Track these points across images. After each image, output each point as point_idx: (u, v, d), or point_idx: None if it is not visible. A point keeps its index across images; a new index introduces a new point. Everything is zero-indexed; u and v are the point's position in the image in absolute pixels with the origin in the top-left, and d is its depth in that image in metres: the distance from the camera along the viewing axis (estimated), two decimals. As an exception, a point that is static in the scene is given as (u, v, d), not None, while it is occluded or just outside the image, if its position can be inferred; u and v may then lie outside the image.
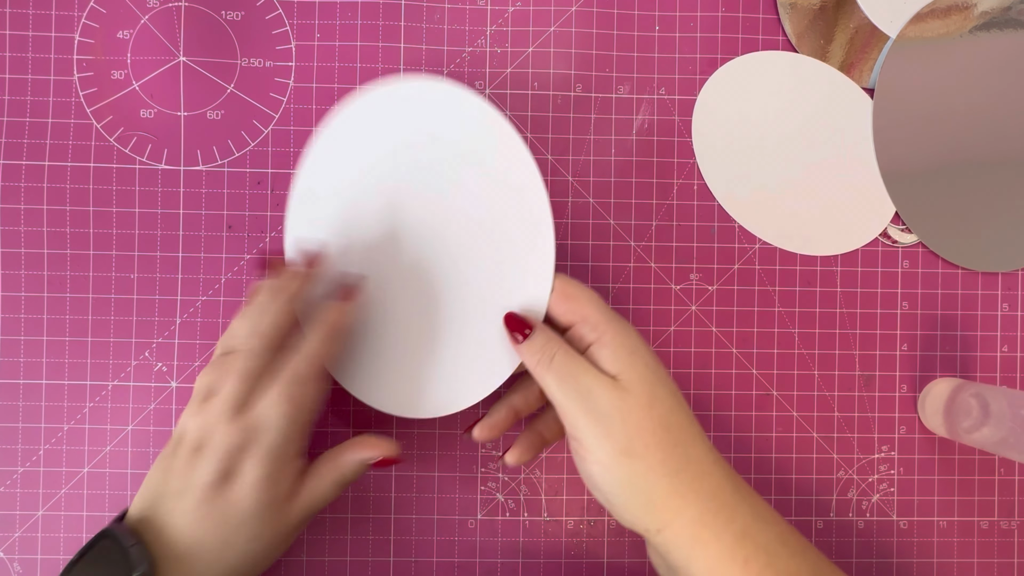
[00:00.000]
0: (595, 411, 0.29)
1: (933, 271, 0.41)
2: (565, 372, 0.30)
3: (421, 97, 0.34)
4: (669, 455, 0.29)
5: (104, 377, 0.38)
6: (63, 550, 0.38)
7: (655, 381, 0.30)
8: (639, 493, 0.29)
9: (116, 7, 0.39)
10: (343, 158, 0.35)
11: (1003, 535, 0.40)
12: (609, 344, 0.31)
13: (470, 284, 0.34)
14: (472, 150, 0.34)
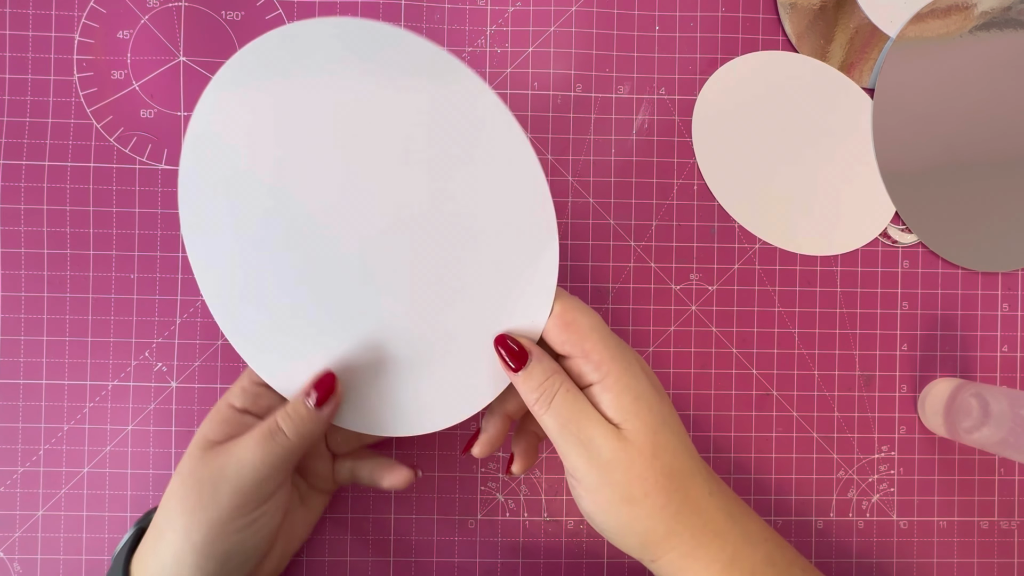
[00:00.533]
0: (597, 459, 0.28)
1: (933, 271, 0.41)
2: (566, 416, 0.29)
3: (397, 55, 0.28)
4: (669, 499, 0.29)
5: (104, 377, 0.38)
6: (63, 550, 0.38)
7: (659, 428, 0.29)
8: (635, 534, 0.29)
9: (116, 7, 0.39)
10: (278, 117, 0.29)
11: (1003, 535, 0.40)
12: (612, 388, 0.29)
13: (459, 294, 0.31)
14: (466, 139, 0.29)
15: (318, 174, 0.29)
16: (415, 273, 0.31)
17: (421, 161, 0.30)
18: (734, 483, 0.40)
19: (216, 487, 0.29)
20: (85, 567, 0.38)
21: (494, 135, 0.30)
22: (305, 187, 0.30)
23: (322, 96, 0.29)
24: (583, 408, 0.29)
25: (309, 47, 0.28)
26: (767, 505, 0.40)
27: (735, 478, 0.40)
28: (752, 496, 0.40)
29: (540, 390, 0.29)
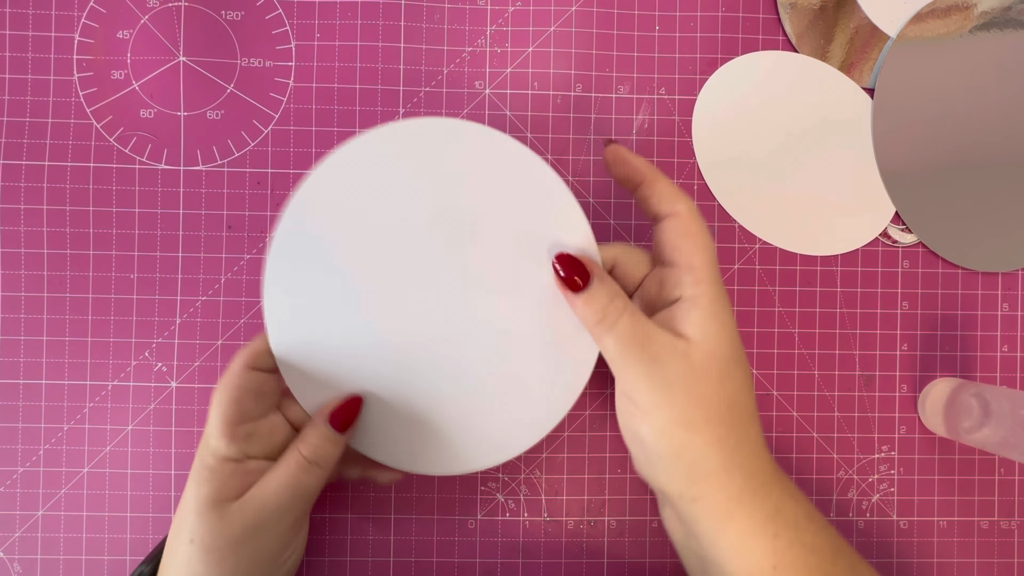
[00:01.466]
0: (660, 378, 0.27)
1: (933, 271, 0.41)
2: (630, 337, 0.27)
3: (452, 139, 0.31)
4: (729, 432, 0.27)
5: (104, 377, 0.38)
6: (63, 550, 0.38)
7: (732, 358, 0.28)
8: (687, 463, 0.28)
9: (116, 7, 0.39)
10: (345, 201, 0.31)
11: (1003, 535, 0.40)
12: (704, 308, 0.28)
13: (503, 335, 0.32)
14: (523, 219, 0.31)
15: (394, 249, 0.31)
16: (457, 317, 0.32)
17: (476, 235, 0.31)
18: (734, 483, 0.40)
19: (256, 541, 0.28)
20: (85, 567, 0.38)
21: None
22: (381, 259, 0.31)
23: (413, 185, 0.31)
24: (649, 328, 0.28)
25: (413, 142, 0.31)
26: (767, 505, 0.40)
27: (735, 478, 0.40)
28: (752, 496, 0.40)
29: (603, 312, 0.28)
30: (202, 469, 0.29)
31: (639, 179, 0.30)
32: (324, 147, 0.39)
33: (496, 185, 0.31)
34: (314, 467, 0.29)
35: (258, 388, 0.30)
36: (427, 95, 0.40)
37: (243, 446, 0.29)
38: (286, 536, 0.29)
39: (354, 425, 0.30)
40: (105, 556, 0.38)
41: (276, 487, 0.29)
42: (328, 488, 0.39)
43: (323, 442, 0.30)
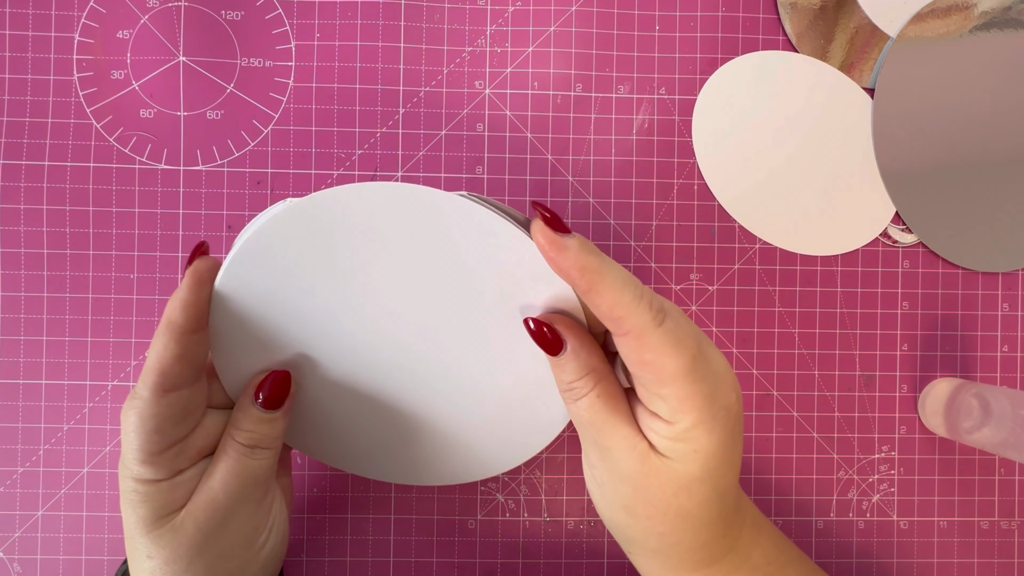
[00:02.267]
0: (612, 465, 0.26)
1: (933, 271, 0.41)
2: (588, 418, 0.26)
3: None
4: (671, 531, 0.26)
5: (104, 377, 0.38)
6: (63, 550, 0.38)
7: (699, 477, 0.25)
8: (625, 536, 0.27)
9: (116, 7, 0.39)
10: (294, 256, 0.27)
11: (1003, 535, 0.40)
12: (675, 436, 0.24)
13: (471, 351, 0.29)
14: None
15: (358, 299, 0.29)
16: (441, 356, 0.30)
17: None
18: (734, 483, 0.40)
19: (218, 539, 0.27)
20: (85, 567, 0.38)
21: None
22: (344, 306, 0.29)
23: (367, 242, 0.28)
24: (610, 419, 0.25)
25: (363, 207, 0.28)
26: (767, 505, 0.40)
27: (735, 478, 0.40)
28: (752, 496, 0.40)
29: (570, 386, 0.26)
30: (130, 493, 0.26)
31: (575, 283, 0.24)
32: (324, 147, 0.39)
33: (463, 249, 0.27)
34: (256, 450, 0.27)
35: (181, 410, 0.26)
36: (427, 95, 0.40)
37: (172, 465, 0.26)
38: (251, 524, 0.28)
39: (289, 401, 0.28)
40: (105, 556, 0.38)
41: (222, 483, 0.26)
42: (328, 488, 0.39)
43: (256, 424, 0.27)
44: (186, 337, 0.25)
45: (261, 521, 0.28)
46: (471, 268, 0.28)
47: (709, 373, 0.24)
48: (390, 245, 0.27)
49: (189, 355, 0.25)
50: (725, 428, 0.24)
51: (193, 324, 0.25)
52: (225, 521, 0.27)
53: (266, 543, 0.29)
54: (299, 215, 0.26)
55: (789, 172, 0.40)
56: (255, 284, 0.27)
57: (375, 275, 0.28)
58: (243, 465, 0.27)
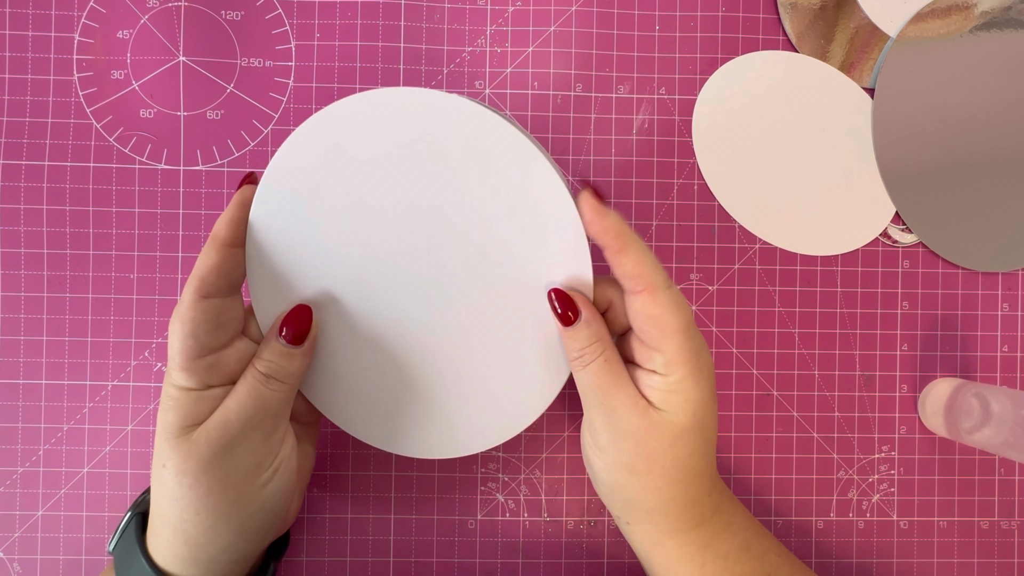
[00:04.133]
0: (615, 425, 0.29)
1: (933, 271, 0.41)
2: (597, 382, 0.29)
3: (425, 108, 0.30)
4: (668, 485, 0.29)
5: (104, 377, 0.38)
6: (63, 550, 0.38)
7: (690, 427, 0.29)
8: (624, 499, 0.31)
9: (116, 7, 0.39)
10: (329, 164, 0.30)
11: (1003, 535, 0.40)
12: (668, 388, 0.29)
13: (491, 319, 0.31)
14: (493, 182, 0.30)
15: (373, 220, 0.31)
16: (447, 298, 0.31)
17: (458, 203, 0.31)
18: (734, 483, 0.40)
19: (226, 460, 0.28)
20: (85, 567, 0.38)
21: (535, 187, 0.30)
22: (362, 230, 0.31)
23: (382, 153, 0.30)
24: (616, 381, 0.29)
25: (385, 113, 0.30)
26: (767, 505, 0.40)
27: (735, 478, 0.40)
28: (752, 496, 0.40)
29: (580, 351, 0.29)
30: (167, 399, 0.29)
31: (609, 244, 0.29)
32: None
33: (500, 183, 0.30)
34: (272, 381, 0.29)
35: (215, 318, 0.29)
36: (427, 95, 0.40)
37: (204, 377, 0.29)
38: (258, 453, 0.29)
39: (310, 336, 0.30)
40: (105, 556, 0.38)
41: (236, 405, 0.28)
42: (328, 488, 0.39)
43: (277, 357, 0.29)
44: (225, 249, 0.29)
45: (267, 455, 0.30)
46: (495, 214, 0.30)
47: (698, 335, 0.29)
48: (416, 157, 0.30)
49: (226, 267, 0.29)
50: (708, 382, 0.29)
51: (232, 239, 0.29)
52: (233, 444, 0.28)
53: (269, 482, 0.30)
54: (323, 126, 0.29)
55: (789, 172, 0.40)
56: (282, 213, 0.30)
57: (396, 201, 0.30)
58: (257, 391, 0.29)
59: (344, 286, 0.31)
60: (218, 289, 0.29)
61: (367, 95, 0.29)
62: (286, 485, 0.31)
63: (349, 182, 0.30)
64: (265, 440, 0.29)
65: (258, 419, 0.29)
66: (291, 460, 0.31)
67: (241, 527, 0.29)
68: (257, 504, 0.29)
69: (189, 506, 0.28)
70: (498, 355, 0.32)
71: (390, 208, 0.30)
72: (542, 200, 0.30)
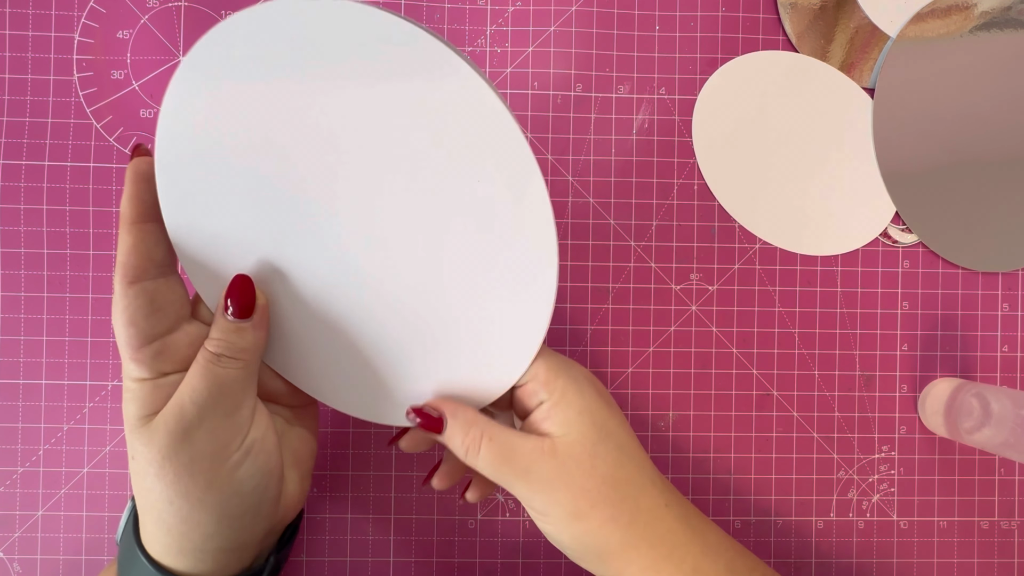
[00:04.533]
0: (537, 482, 0.29)
1: (933, 271, 0.41)
2: (496, 459, 0.29)
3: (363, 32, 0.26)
4: (618, 510, 0.29)
5: (104, 377, 0.38)
6: (63, 550, 0.38)
7: (599, 439, 0.29)
8: (592, 549, 0.30)
9: (116, 7, 0.39)
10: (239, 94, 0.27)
11: (1003, 535, 0.40)
12: (556, 404, 0.29)
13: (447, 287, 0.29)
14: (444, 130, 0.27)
15: (305, 162, 0.28)
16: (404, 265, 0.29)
17: (415, 159, 0.28)
18: (734, 483, 0.40)
19: (188, 446, 0.27)
20: (85, 567, 0.38)
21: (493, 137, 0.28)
22: (289, 173, 0.28)
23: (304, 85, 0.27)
24: (510, 444, 0.29)
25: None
26: (767, 505, 0.40)
27: (735, 478, 0.40)
28: (752, 496, 0.40)
29: (464, 446, 0.29)
30: (126, 391, 0.28)
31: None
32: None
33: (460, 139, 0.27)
34: (223, 359, 0.28)
35: (150, 303, 0.27)
36: (427, 95, 0.40)
37: (155, 365, 0.28)
38: (221, 437, 0.28)
39: (259, 308, 0.29)
40: (105, 556, 0.38)
41: (190, 389, 0.28)
42: (328, 488, 0.39)
43: (225, 333, 0.28)
44: (136, 228, 0.27)
45: (233, 437, 0.28)
46: (425, 138, 0.27)
47: (553, 354, 0.31)
48: (319, 80, 0.27)
49: (142, 246, 0.27)
50: (592, 388, 0.30)
51: (138, 214, 0.28)
52: (191, 428, 0.28)
53: (241, 463, 0.29)
54: (200, 68, 0.27)
55: (789, 172, 0.40)
56: (192, 179, 0.28)
57: (308, 135, 0.27)
58: (210, 372, 0.28)
59: (283, 245, 0.29)
60: (144, 271, 0.27)
61: (230, 21, 0.26)
62: (263, 467, 0.29)
63: (252, 127, 0.27)
64: (227, 421, 0.28)
65: (215, 401, 0.28)
66: (266, 441, 0.30)
67: (219, 513, 0.28)
68: (231, 488, 0.28)
69: (162, 495, 0.28)
70: (465, 299, 0.29)
71: (305, 143, 0.27)
72: (473, 117, 0.27)
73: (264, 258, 0.29)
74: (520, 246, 0.29)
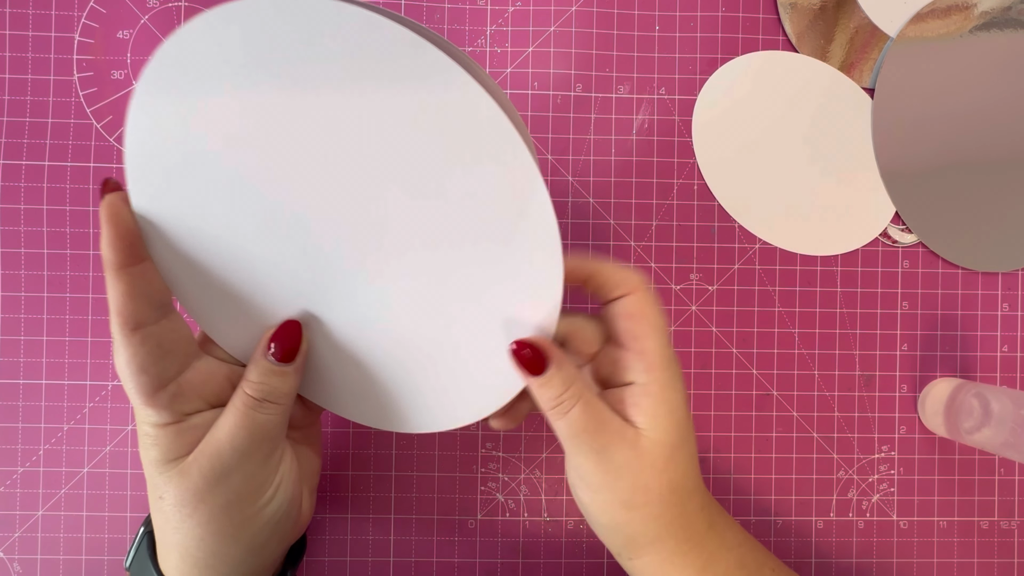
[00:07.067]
0: (607, 463, 0.28)
1: (933, 271, 0.41)
2: (582, 426, 0.28)
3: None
4: (664, 511, 0.29)
5: (104, 377, 0.38)
6: (63, 550, 0.38)
7: (678, 443, 0.29)
8: (624, 534, 0.30)
9: (116, 7, 0.39)
10: None
11: (1003, 535, 0.40)
12: (655, 395, 0.28)
13: (456, 286, 0.28)
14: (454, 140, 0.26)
15: (287, 167, 0.27)
16: (407, 268, 0.28)
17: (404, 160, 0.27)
18: (734, 483, 0.40)
19: (222, 488, 0.27)
20: (85, 567, 0.38)
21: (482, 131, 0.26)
22: (272, 179, 0.27)
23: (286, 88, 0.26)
24: (601, 421, 0.28)
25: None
26: (767, 505, 0.40)
27: (735, 478, 0.40)
28: (752, 496, 0.40)
29: (558, 400, 0.27)
30: (144, 436, 0.27)
31: (585, 275, 0.29)
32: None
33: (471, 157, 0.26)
34: (265, 404, 0.27)
35: (157, 347, 0.26)
36: (427, 95, 0.40)
37: (175, 407, 0.27)
38: (256, 478, 0.28)
39: (301, 352, 0.28)
40: (105, 556, 0.38)
41: (227, 433, 0.27)
42: (328, 488, 0.39)
43: (267, 377, 0.27)
44: (124, 273, 0.26)
45: (267, 478, 0.28)
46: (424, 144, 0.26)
47: (668, 344, 0.29)
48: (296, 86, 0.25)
49: (136, 291, 0.26)
50: (683, 389, 0.29)
51: (124, 259, 0.26)
52: (228, 473, 0.27)
53: (272, 500, 0.29)
54: (163, 85, 0.25)
55: (789, 172, 0.40)
56: (172, 207, 0.26)
57: (294, 149, 0.26)
58: (250, 418, 0.27)
59: (283, 264, 0.28)
60: (144, 316, 0.26)
61: (197, 23, 0.24)
62: (290, 497, 0.30)
63: (236, 142, 0.25)
64: (263, 464, 0.28)
65: (254, 446, 0.27)
66: (292, 472, 0.30)
67: (249, 545, 0.28)
68: (262, 522, 0.28)
69: (191, 533, 0.27)
70: (469, 308, 0.28)
71: (290, 157, 0.26)
72: (476, 121, 0.25)
73: (258, 276, 0.28)
74: (524, 256, 0.27)
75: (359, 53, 0.25)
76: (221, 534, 0.27)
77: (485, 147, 0.26)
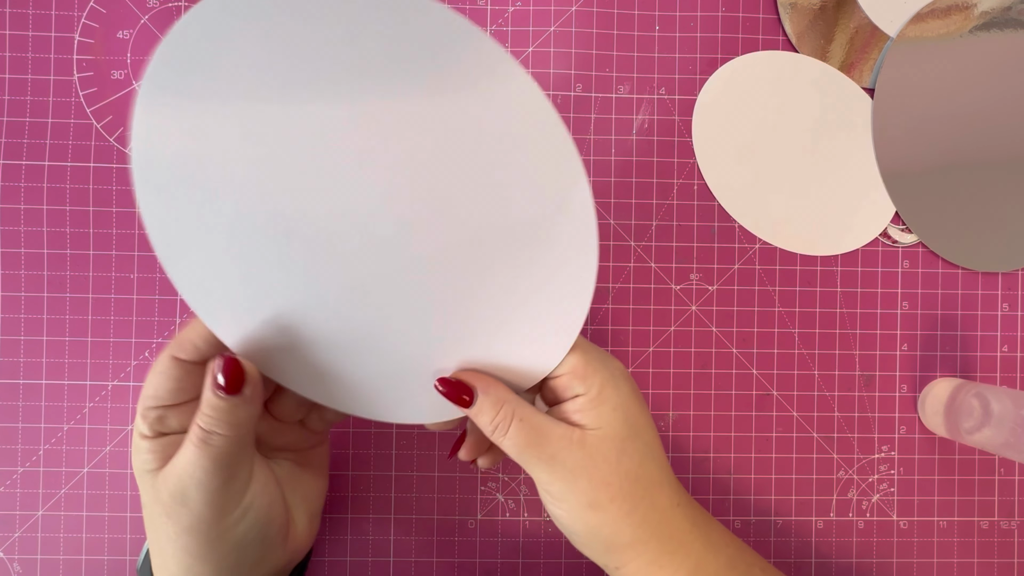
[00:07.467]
0: (561, 469, 0.29)
1: (933, 271, 0.41)
2: (524, 441, 0.29)
3: None
4: (635, 506, 0.29)
5: (104, 377, 0.38)
6: (63, 550, 0.38)
7: (627, 435, 0.29)
8: (601, 540, 0.30)
9: (116, 7, 0.39)
10: None
11: (1003, 535, 0.40)
12: (593, 397, 0.29)
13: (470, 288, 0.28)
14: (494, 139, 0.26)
15: (307, 166, 0.27)
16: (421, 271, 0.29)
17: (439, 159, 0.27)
18: (734, 483, 0.40)
19: (185, 509, 0.28)
20: (85, 567, 0.38)
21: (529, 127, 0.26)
22: (290, 177, 0.27)
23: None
24: (540, 431, 0.29)
25: None
26: (767, 505, 0.40)
27: (735, 478, 0.40)
28: (752, 496, 0.40)
29: (494, 424, 0.29)
30: (134, 440, 0.29)
31: None
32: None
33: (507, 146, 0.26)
34: (213, 436, 0.27)
35: (176, 383, 0.28)
36: (427, 95, 0.40)
37: (155, 426, 0.28)
38: (216, 502, 0.28)
39: (250, 382, 0.28)
40: (105, 556, 0.38)
41: (185, 460, 0.28)
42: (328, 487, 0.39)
43: (214, 410, 0.28)
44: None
45: (228, 502, 0.28)
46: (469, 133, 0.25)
47: (596, 347, 0.31)
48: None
49: (205, 331, 0.29)
50: (628, 386, 0.30)
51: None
52: (188, 497, 0.28)
53: (239, 523, 0.29)
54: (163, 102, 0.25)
55: (789, 172, 0.40)
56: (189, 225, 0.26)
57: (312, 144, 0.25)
58: (203, 447, 0.27)
59: (298, 276, 0.28)
60: (193, 352, 0.28)
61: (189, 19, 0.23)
62: (263, 519, 0.30)
63: (250, 146, 0.25)
64: (223, 490, 0.28)
65: (208, 473, 0.28)
66: (266, 494, 0.30)
67: (218, 566, 0.29)
68: (230, 544, 0.29)
69: (167, 544, 0.29)
70: (503, 293, 0.29)
71: (318, 152, 0.26)
72: (517, 108, 0.25)
73: (276, 274, 0.28)
74: (562, 243, 0.28)
75: (392, 44, 0.24)
76: (188, 551, 0.28)
77: (531, 138, 0.26)
